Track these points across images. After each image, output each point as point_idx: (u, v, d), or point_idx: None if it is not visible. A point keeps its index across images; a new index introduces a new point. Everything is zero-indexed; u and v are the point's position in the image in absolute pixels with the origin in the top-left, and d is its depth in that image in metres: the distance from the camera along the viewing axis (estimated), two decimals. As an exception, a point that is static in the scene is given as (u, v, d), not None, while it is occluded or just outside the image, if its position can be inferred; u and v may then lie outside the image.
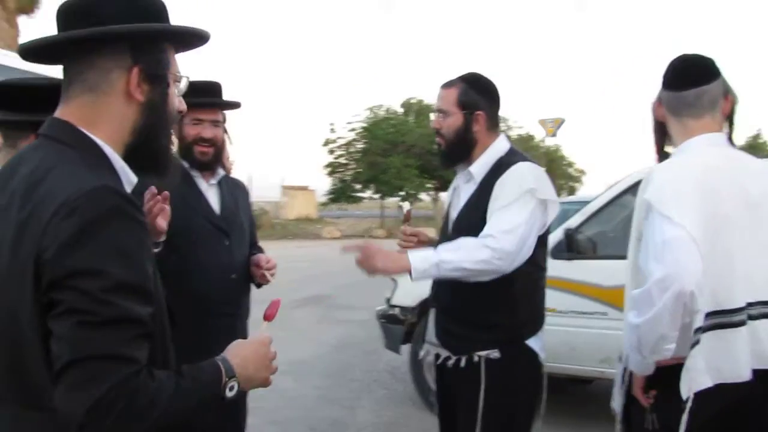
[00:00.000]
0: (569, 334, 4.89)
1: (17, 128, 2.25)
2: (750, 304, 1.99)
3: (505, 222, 2.44)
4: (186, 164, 2.85)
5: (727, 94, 2.14)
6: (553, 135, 25.37)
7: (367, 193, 36.26)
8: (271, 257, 3.01)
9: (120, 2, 1.39)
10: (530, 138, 42.29)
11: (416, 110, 36.46)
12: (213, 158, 2.89)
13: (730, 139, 2.18)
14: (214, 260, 2.81)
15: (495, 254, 2.38)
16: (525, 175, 2.53)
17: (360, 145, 35.55)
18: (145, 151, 1.44)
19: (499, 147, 2.69)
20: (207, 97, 2.88)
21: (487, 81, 2.72)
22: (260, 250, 3.09)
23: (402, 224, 3.02)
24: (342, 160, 36.46)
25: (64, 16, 1.40)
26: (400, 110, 37.14)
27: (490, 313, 2.57)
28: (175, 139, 2.84)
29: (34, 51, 1.43)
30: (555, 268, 4.95)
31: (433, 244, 2.95)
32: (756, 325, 1.99)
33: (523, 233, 2.45)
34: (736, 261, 1.98)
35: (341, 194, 35.77)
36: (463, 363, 2.61)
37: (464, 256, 2.40)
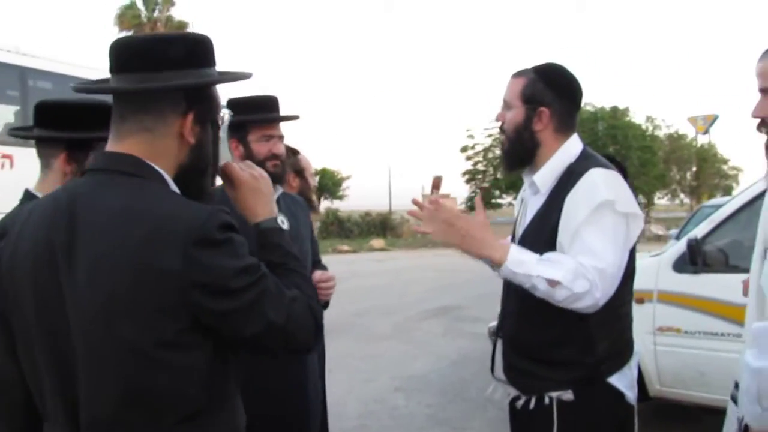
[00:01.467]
0: (697, 358, 4.35)
1: (51, 146, 2.24)
2: None
3: (589, 252, 2.06)
4: None
5: None
6: (705, 132, 23.76)
7: (507, 200, 35.60)
8: (329, 272, 2.83)
9: (173, 46, 1.46)
10: (680, 137, 39.92)
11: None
12: (282, 172, 2.80)
13: None
14: None
15: (591, 290, 2.02)
16: (597, 184, 2.12)
17: (499, 152, 34.93)
18: (190, 183, 1.51)
19: (568, 151, 2.29)
20: (271, 111, 2.81)
21: (563, 74, 2.33)
22: (323, 268, 2.91)
23: (431, 193, 2.62)
24: (480, 167, 36.04)
25: (120, 54, 1.46)
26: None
27: (562, 348, 2.19)
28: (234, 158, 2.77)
29: (93, 92, 1.60)
30: (678, 282, 4.50)
31: None
32: None
33: (612, 261, 2.07)
34: None
35: (480, 201, 35.36)
36: (532, 404, 2.26)
37: (562, 279, 2.03)
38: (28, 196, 2.26)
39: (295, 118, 2.89)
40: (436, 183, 2.62)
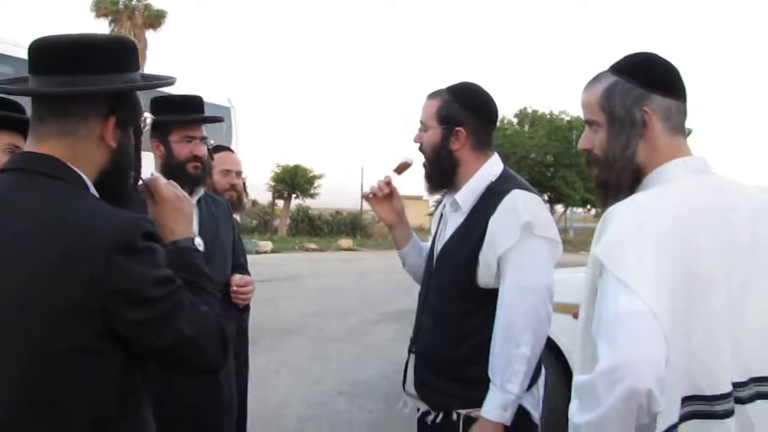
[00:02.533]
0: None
1: None
2: (738, 385, 1.50)
3: (517, 283, 2.16)
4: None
5: None
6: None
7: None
8: (248, 276, 2.78)
9: (95, 48, 1.45)
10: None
11: (531, 120, 35.60)
12: (203, 174, 2.76)
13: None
14: None
15: (527, 341, 2.16)
16: (518, 206, 2.17)
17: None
18: (111, 188, 1.51)
19: (489, 170, 2.32)
20: (193, 112, 2.78)
21: (477, 93, 2.35)
22: (245, 272, 2.87)
23: (393, 171, 2.57)
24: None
25: (40, 55, 1.44)
26: (514, 120, 36.31)
27: (473, 367, 2.21)
28: (154, 159, 2.74)
29: (12, 93, 1.65)
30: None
31: (402, 218, 2.61)
32: (747, 410, 1.50)
33: (542, 283, 2.18)
34: (720, 333, 1.49)
35: (451, 205, 35.35)
36: (439, 419, 2.27)
37: (514, 369, 2.15)
38: None
39: (218, 120, 2.91)
40: (402, 168, 2.56)
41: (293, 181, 34.85)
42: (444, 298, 2.32)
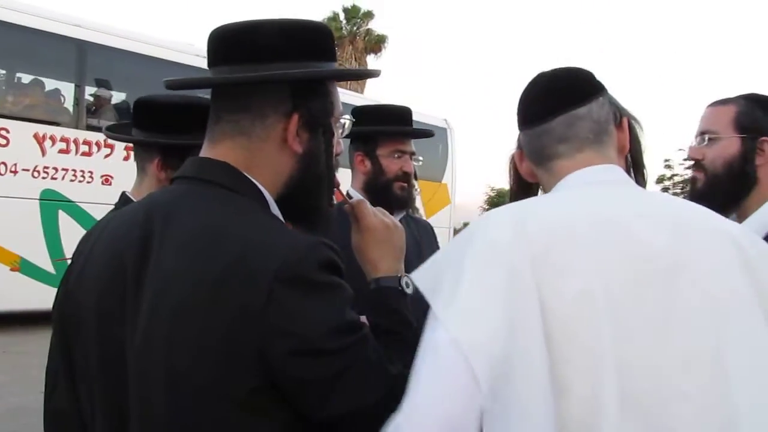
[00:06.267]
0: None
1: (146, 150, 2.05)
2: None
3: None
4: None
5: (622, 118, 1.33)
6: None
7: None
8: None
9: (282, 34, 1.22)
10: None
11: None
12: (410, 196, 2.47)
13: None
14: None
15: None
16: None
17: (701, 184, 32.75)
18: (299, 204, 1.27)
19: None
20: (404, 124, 2.49)
21: None
22: None
23: None
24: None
25: (219, 43, 1.25)
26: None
27: None
28: (361, 176, 2.48)
29: (183, 87, 1.32)
30: None
31: None
32: None
33: None
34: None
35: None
36: None
37: None
38: (123, 200, 2.08)
39: (430, 134, 2.67)
40: None
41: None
42: None
